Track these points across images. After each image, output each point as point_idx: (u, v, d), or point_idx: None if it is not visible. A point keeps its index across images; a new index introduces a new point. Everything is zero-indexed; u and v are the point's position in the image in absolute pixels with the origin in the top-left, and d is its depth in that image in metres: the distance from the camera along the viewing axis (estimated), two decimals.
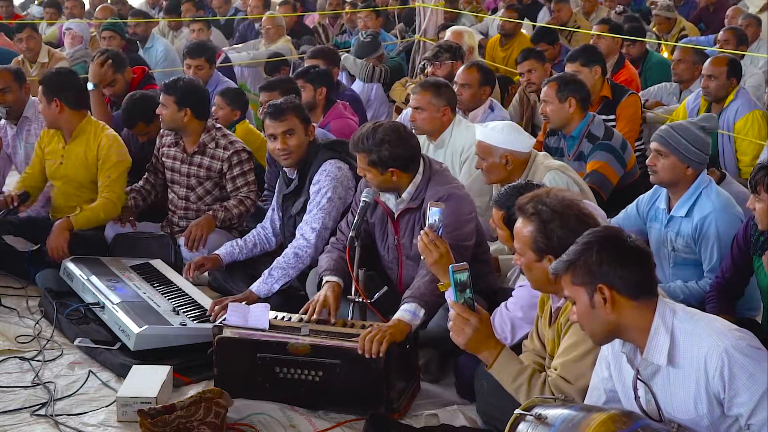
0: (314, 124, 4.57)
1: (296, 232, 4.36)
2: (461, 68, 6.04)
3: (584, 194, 4.26)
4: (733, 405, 2.50)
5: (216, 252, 4.65)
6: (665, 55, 8.27)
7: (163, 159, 5.24)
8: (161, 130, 5.31)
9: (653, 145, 4.01)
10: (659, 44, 8.66)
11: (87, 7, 11.90)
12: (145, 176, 5.40)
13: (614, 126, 5.65)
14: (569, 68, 5.94)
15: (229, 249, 4.64)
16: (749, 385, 2.47)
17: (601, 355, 2.83)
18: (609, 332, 2.64)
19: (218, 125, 5.24)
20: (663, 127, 4.06)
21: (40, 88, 5.08)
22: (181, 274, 4.76)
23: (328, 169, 4.35)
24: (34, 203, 5.27)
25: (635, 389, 2.67)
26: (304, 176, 4.42)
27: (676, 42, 8.12)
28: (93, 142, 5.10)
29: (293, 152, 4.36)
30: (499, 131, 4.36)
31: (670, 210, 4.06)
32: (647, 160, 4.07)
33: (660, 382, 2.63)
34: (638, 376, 2.65)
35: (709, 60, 5.90)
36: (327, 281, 3.89)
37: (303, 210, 4.42)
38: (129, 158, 5.19)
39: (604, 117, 5.69)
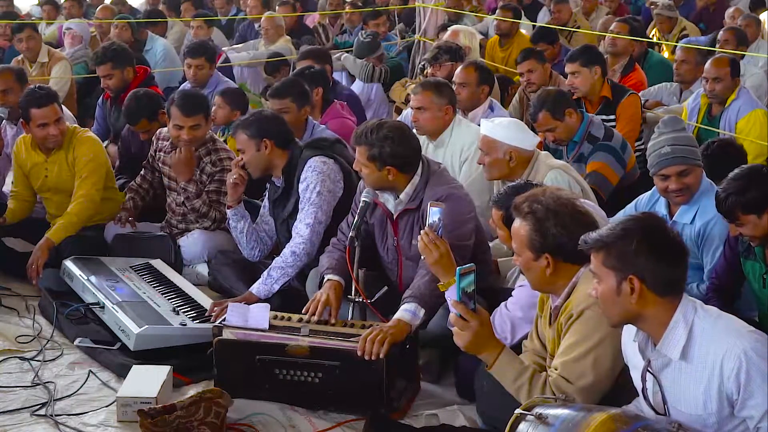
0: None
1: (292, 231, 4.35)
2: (459, 68, 6.04)
3: (585, 194, 4.26)
4: (746, 407, 2.51)
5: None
6: (666, 55, 8.26)
7: (159, 164, 5.23)
8: (158, 131, 5.30)
9: (673, 169, 3.91)
10: (659, 44, 8.65)
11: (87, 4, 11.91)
12: (141, 173, 5.38)
13: (614, 126, 5.64)
14: (569, 68, 5.94)
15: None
16: (764, 388, 2.47)
17: (622, 340, 2.85)
18: (627, 319, 2.66)
19: (214, 136, 5.20)
20: (667, 149, 3.93)
21: (54, 104, 4.97)
22: (181, 274, 4.77)
23: (314, 165, 4.35)
24: (6, 222, 5.16)
25: (644, 380, 2.67)
26: (291, 179, 4.42)
27: (677, 42, 8.11)
28: (69, 147, 5.03)
29: (250, 167, 4.43)
30: (504, 127, 4.36)
31: (671, 216, 4.05)
32: (669, 187, 3.95)
33: (669, 375, 2.63)
34: (648, 368, 2.65)
35: (709, 62, 5.85)
36: (328, 280, 3.89)
37: (294, 211, 4.41)
38: (103, 157, 5.14)
39: (603, 117, 5.69)
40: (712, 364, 2.53)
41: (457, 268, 2.97)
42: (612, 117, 5.83)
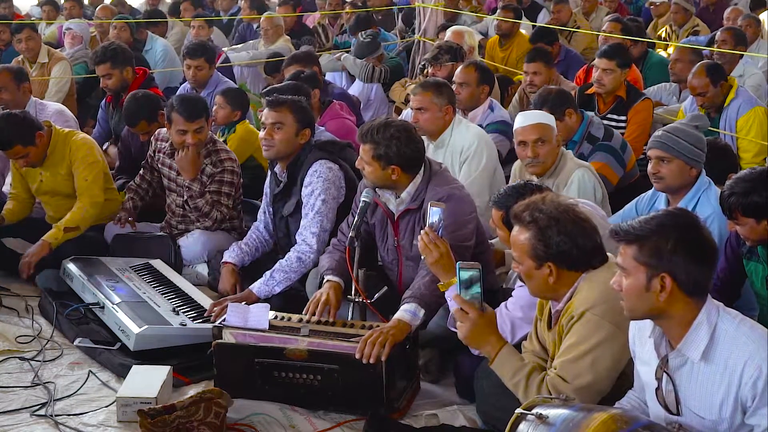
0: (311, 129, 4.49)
1: (297, 237, 4.35)
2: (459, 67, 6.03)
3: (604, 199, 4.36)
4: (756, 414, 2.49)
5: (227, 260, 4.58)
6: (671, 51, 8.25)
7: (159, 165, 5.23)
8: (157, 132, 5.29)
9: (653, 152, 3.99)
10: (655, 43, 8.65)
11: (86, 3, 11.93)
12: (140, 173, 5.38)
13: (624, 127, 5.65)
14: (603, 64, 5.91)
15: (238, 253, 4.59)
16: None
17: (629, 335, 2.84)
18: (650, 315, 2.64)
19: (214, 137, 5.20)
20: (658, 133, 4.04)
21: (17, 147, 4.85)
22: (180, 274, 4.76)
23: (320, 171, 4.34)
24: (4, 221, 5.16)
25: (658, 378, 2.67)
26: (294, 176, 4.42)
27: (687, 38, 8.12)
28: (64, 150, 5.01)
29: (274, 146, 4.36)
30: (544, 112, 4.45)
31: None
32: (649, 169, 4.05)
33: (686, 375, 2.62)
34: (665, 368, 2.64)
35: (690, 76, 5.81)
36: (328, 280, 3.89)
37: (295, 211, 4.41)
38: (103, 159, 5.14)
39: (614, 116, 5.72)
40: (733, 369, 2.51)
41: (458, 263, 3.06)
42: (623, 118, 5.84)
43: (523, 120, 4.45)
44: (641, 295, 2.58)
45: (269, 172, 4.61)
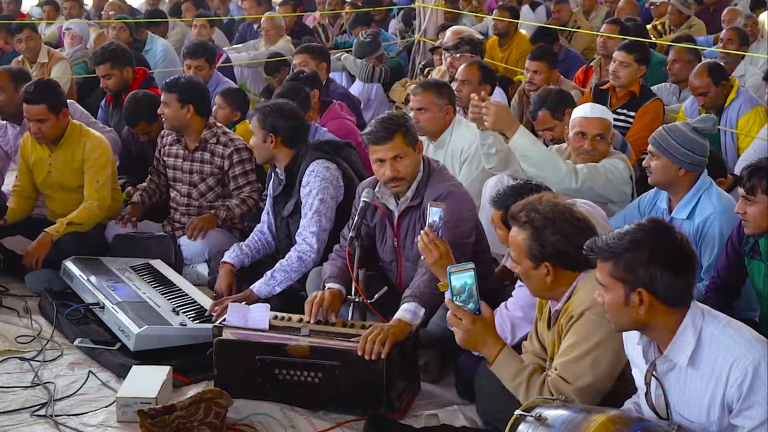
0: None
1: (297, 237, 4.34)
2: (462, 65, 6.02)
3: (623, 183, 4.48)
4: (740, 416, 2.49)
5: (226, 260, 4.55)
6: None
7: (165, 158, 5.24)
8: (162, 131, 5.30)
9: (649, 147, 4.05)
10: (658, 44, 8.65)
11: (88, 5, 11.93)
12: (149, 177, 5.42)
13: (631, 124, 5.68)
14: (621, 56, 5.96)
15: (238, 254, 4.57)
16: (763, 403, 2.46)
17: (624, 338, 2.85)
18: (634, 327, 2.65)
19: (219, 123, 5.24)
20: (658, 129, 4.08)
21: (43, 106, 4.92)
22: (181, 274, 4.76)
23: (317, 170, 4.34)
24: (7, 222, 5.16)
25: (647, 383, 2.67)
26: (293, 177, 4.42)
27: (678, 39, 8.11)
28: (77, 144, 5.04)
29: (256, 152, 4.54)
30: (606, 109, 4.51)
31: (671, 211, 4.06)
32: (644, 162, 4.11)
33: (674, 379, 2.62)
34: (654, 372, 2.65)
35: (691, 76, 5.84)
36: (328, 288, 3.87)
37: (295, 212, 4.41)
38: (113, 158, 5.18)
39: (625, 111, 5.76)
40: (719, 371, 2.51)
41: (448, 267, 3.05)
42: (632, 113, 5.87)
43: (588, 111, 4.52)
44: (622, 309, 2.60)
45: (272, 174, 4.62)
